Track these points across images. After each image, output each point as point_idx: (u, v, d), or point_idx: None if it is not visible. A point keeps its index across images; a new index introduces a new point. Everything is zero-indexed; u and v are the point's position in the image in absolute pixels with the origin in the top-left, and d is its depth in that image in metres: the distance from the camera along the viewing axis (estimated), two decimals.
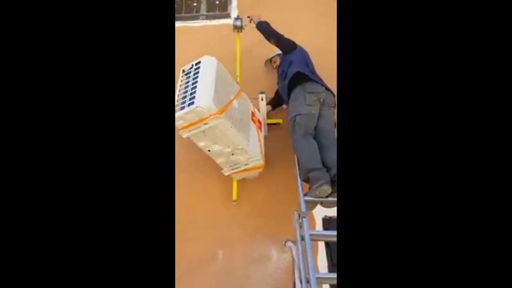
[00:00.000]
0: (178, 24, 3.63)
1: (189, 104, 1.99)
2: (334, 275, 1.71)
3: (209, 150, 2.24)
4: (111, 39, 1.00)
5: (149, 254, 0.96)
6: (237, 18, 2.91)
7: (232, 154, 2.28)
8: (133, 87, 1.01)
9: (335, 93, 2.46)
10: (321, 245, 2.41)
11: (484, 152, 0.92)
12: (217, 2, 3.77)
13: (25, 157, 0.93)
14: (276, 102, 2.85)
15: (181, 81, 2.23)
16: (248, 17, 2.92)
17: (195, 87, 2.07)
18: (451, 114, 0.95)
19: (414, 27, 0.99)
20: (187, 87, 2.13)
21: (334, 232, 1.88)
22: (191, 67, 2.25)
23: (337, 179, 2.04)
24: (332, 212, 2.35)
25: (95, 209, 0.95)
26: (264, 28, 2.74)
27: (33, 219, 0.92)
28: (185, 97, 2.07)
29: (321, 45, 2.94)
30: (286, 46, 2.71)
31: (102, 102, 0.98)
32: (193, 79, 2.14)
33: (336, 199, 2.07)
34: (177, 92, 2.16)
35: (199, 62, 2.24)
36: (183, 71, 2.28)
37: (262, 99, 2.60)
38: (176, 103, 2.09)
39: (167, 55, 1.07)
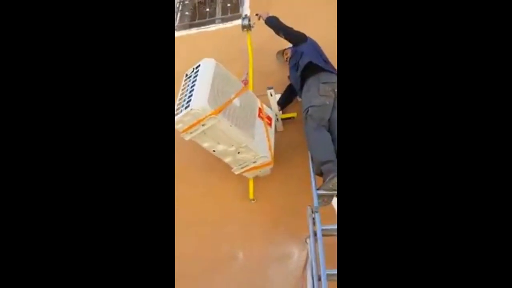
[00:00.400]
0: (193, 31, 3.76)
1: (185, 107, 2.04)
2: None
3: (214, 151, 2.27)
4: (113, 43, 1.02)
5: (148, 256, 0.97)
6: (244, 18, 2.93)
7: (238, 153, 2.29)
8: (134, 92, 1.02)
9: None
10: None
11: (485, 150, 0.88)
12: (228, 5, 3.83)
13: (25, 160, 0.95)
14: (285, 100, 2.80)
15: (183, 85, 2.29)
16: (256, 14, 2.93)
17: (193, 89, 2.11)
18: (453, 111, 0.91)
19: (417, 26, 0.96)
20: (186, 90, 2.18)
21: None
22: (192, 71, 2.30)
23: (337, 174, 1.97)
24: None
25: (94, 212, 0.96)
26: (273, 23, 2.74)
27: (32, 219, 0.94)
28: (184, 100, 2.12)
29: (334, 37, 2.85)
30: (296, 38, 2.68)
31: (104, 105, 1.00)
32: (192, 82, 2.18)
33: None
34: (178, 96, 2.22)
35: (199, 65, 2.28)
36: (186, 75, 2.34)
37: (271, 95, 2.55)
38: (177, 106, 2.15)
39: (167, 60, 1.08)
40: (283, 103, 2.80)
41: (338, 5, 1.06)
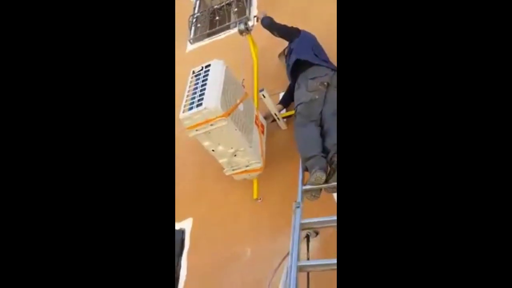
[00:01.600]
0: (206, 41, 3.90)
1: (197, 105, 2.08)
2: (318, 262, 1.72)
3: (213, 150, 2.33)
4: (115, 47, 1.01)
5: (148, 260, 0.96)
6: (240, 23, 2.92)
7: (235, 156, 2.37)
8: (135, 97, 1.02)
9: None
10: None
11: (484, 146, 0.89)
12: (236, 9, 3.88)
13: (25, 160, 0.93)
14: (287, 99, 2.79)
15: (191, 82, 2.32)
16: (255, 16, 2.99)
17: (204, 89, 2.16)
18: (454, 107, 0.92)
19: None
20: (196, 88, 2.21)
21: (328, 218, 1.86)
22: (201, 69, 2.34)
23: (336, 166, 2.00)
24: None
25: (93, 211, 0.95)
26: (267, 23, 2.79)
27: (31, 218, 0.92)
28: (193, 98, 2.15)
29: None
30: (289, 34, 2.73)
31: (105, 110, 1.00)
32: (203, 81, 2.23)
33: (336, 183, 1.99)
34: (185, 93, 2.25)
35: (209, 65, 2.33)
36: (193, 72, 2.37)
37: (264, 96, 2.54)
38: (184, 103, 2.18)
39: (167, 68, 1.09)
40: (285, 102, 2.78)
41: (338, 2, 1.08)
